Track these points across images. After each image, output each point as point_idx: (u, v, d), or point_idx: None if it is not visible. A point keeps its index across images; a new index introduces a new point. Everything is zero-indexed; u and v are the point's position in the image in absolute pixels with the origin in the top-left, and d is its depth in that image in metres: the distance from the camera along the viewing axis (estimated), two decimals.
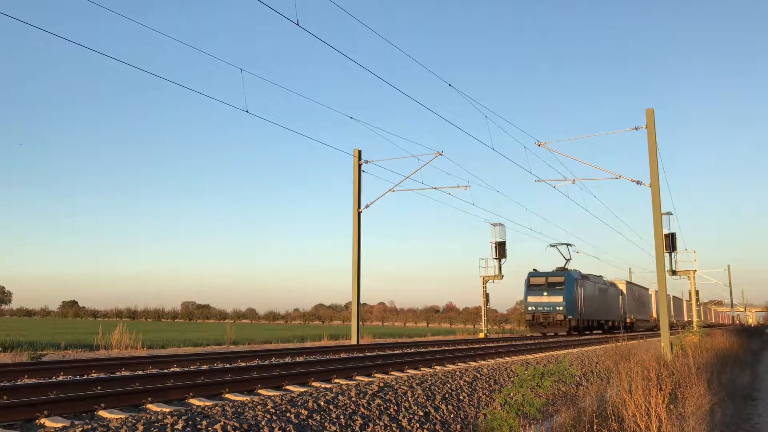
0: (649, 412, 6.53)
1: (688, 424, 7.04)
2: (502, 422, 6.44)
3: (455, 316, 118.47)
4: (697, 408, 8.07)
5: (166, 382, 8.45)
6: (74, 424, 5.50)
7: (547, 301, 35.07)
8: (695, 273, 41.71)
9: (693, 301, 45.57)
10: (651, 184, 20.81)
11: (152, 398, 7.16)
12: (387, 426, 7.25)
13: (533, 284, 36.25)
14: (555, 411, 8.03)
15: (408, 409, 8.03)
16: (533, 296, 35.78)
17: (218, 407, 6.59)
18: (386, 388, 8.70)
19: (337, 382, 9.70)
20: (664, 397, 6.73)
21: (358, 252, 23.96)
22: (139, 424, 5.51)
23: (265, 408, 6.75)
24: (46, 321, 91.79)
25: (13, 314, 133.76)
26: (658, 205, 20.74)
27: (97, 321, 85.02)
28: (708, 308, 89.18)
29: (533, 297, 35.75)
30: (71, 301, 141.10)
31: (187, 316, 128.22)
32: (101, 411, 6.57)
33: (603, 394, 9.42)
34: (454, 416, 8.45)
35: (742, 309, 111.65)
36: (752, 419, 10.49)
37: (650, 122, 21.08)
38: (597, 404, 8.06)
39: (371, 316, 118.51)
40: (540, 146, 22.34)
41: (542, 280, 36.07)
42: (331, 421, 6.83)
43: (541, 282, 36.03)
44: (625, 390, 7.28)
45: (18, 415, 5.97)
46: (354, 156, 24.76)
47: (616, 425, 6.73)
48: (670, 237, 34.20)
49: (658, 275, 21.40)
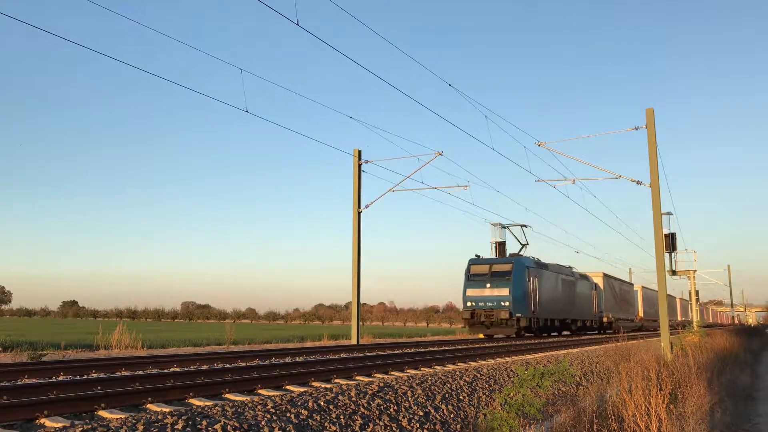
0: (649, 412, 6.53)
1: (688, 424, 7.05)
2: (502, 422, 6.44)
3: (455, 316, 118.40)
4: (697, 408, 8.07)
5: (166, 382, 8.45)
6: (74, 424, 5.50)
7: (489, 295, 28.13)
8: (695, 273, 41.76)
9: (693, 300, 45.59)
10: (651, 184, 20.81)
11: (152, 398, 7.16)
12: (387, 426, 7.25)
13: (474, 274, 29.34)
14: (555, 411, 8.04)
15: (408, 409, 8.03)
16: (473, 289, 28.84)
17: (218, 407, 6.59)
18: (386, 388, 8.70)
19: (337, 382, 9.71)
20: (664, 397, 6.73)
21: (358, 252, 23.96)
22: (139, 424, 5.51)
23: (265, 408, 6.75)
24: (46, 321, 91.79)
25: (13, 314, 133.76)
26: (658, 205, 20.74)
27: (97, 321, 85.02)
28: (705, 308, 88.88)
29: (473, 290, 28.83)
30: (71, 301, 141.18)
31: (187, 316, 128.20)
32: (101, 411, 6.57)
33: (603, 394, 9.43)
34: (454, 416, 8.45)
35: (742, 309, 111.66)
36: (752, 419, 10.49)
37: (650, 122, 21.08)
38: (597, 404, 8.07)
39: (371, 316, 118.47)
40: (540, 146, 22.35)
41: (485, 268, 29.11)
42: (331, 421, 6.83)
43: (484, 271, 29.07)
44: (625, 390, 7.28)
45: (18, 415, 5.97)
46: (354, 156, 24.77)
47: (616, 425, 6.73)
48: (670, 237, 34.16)
49: (658, 275, 21.41)
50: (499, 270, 28.71)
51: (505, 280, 28.21)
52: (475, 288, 28.70)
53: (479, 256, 30.12)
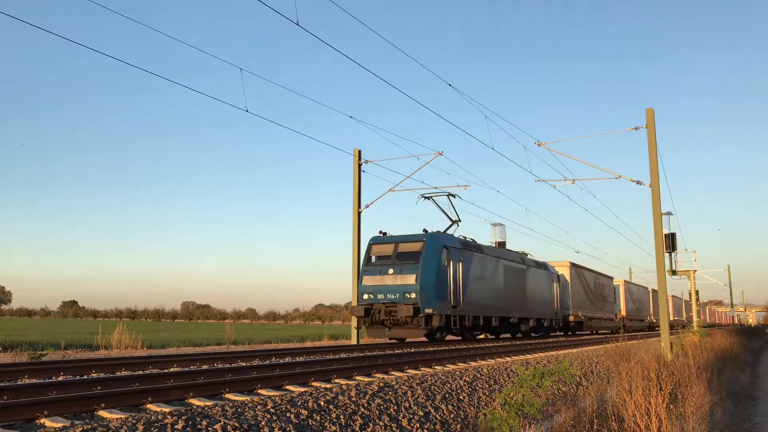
0: (649, 412, 6.54)
1: (688, 424, 7.05)
2: (502, 422, 6.44)
3: None
4: (697, 408, 8.07)
5: (166, 382, 8.44)
6: (74, 424, 5.50)
7: (392, 285, 20.32)
8: (695, 273, 41.76)
9: (693, 300, 45.60)
10: (651, 184, 20.82)
11: (152, 398, 7.16)
12: (387, 426, 7.25)
13: (375, 256, 21.45)
14: (555, 411, 8.04)
15: (408, 409, 8.03)
16: (372, 276, 20.90)
17: (218, 407, 6.59)
18: (386, 388, 8.70)
19: (337, 382, 9.70)
20: (664, 397, 6.74)
21: (358, 252, 23.95)
22: (139, 424, 5.51)
23: (265, 408, 6.75)
24: (46, 321, 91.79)
25: (13, 314, 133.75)
26: (658, 205, 20.75)
27: (97, 321, 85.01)
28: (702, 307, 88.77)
29: (372, 278, 20.88)
30: (71, 301, 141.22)
31: (187, 316, 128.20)
32: (101, 411, 6.57)
33: (603, 394, 9.43)
34: (454, 416, 8.45)
35: (742, 309, 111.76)
36: (752, 419, 10.50)
37: (650, 122, 21.09)
38: (597, 404, 8.07)
39: None
40: (540, 146, 22.36)
41: (389, 248, 21.23)
42: (331, 421, 6.83)
43: (387, 252, 21.17)
44: (625, 390, 7.29)
45: (18, 415, 5.97)
46: (354, 156, 24.78)
47: (616, 425, 6.73)
48: (670, 237, 34.15)
49: (658, 275, 21.43)
50: (407, 251, 20.81)
51: (412, 264, 20.25)
52: (375, 275, 20.83)
53: (385, 233, 22.04)
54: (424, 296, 19.88)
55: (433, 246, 20.91)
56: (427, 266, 20.39)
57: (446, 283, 21.13)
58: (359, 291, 21.16)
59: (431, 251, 20.73)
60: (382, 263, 21.05)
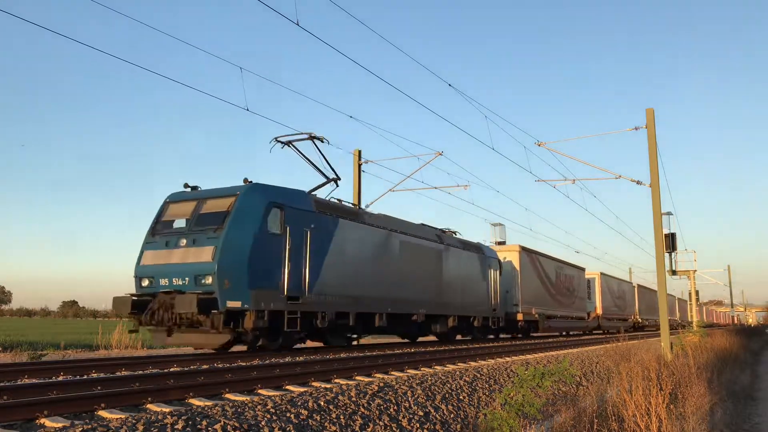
0: (649, 411, 6.54)
1: (688, 423, 7.05)
2: (502, 422, 6.44)
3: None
4: (697, 408, 8.07)
5: (166, 382, 8.44)
6: (74, 424, 5.50)
7: (179, 263, 13.13)
8: (695, 273, 41.74)
9: (693, 300, 45.58)
10: (651, 184, 20.81)
11: (152, 398, 7.16)
12: (387, 426, 7.25)
13: (167, 220, 14.34)
14: (555, 411, 8.04)
15: (408, 409, 8.03)
16: (155, 251, 13.62)
17: (218, 407, 6.59)
18: (386, 388, 8.70)
19: (337, 382, 9.71)
20: (664, 397, 6.74)
21: None
22: (139, 424, 5.51)
23: (265, 408, 6.75)
24: (46, 321, 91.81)
25: (13, 314, 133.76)
26: (658, 205, 20.74)
27: (97, 321, 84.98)
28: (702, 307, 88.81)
29: (154, 252, 13.63)
30: (71, 301, 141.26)
31: None
32: (101, 411, 6.56)
33: (603, 394, 9.43)
34: (454, 416, 8.45)
35: (742, 309, 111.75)
36: (752, 419, 10.51)
37: (650, 122, 21.08)
38: (597, 404, 8.06)
39: None
40: (540, 146, 22.32)
41: (188, 207, 14.12)
42: (331, 421, 6.83)
43: (186, 213, 14.06)
44: (625, 390, 7.29)
45: (18, 415, 5.97)
46: (354, 156, 24.77)
47: (616, 425, 6.73)
48: (670, 237, 34.14)
49: (658, 275, 21.42)
50: (211, 211, 13.68)
51: (212, 231, 13.16)
52: (160, 249, 13.60)
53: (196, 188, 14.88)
54: (226, 281, 12.69)
55: (252, 203, 13.72)
56: (238, 234, 13.21)
57: (277, 261, 13.88)
58: (135, 273, 13.71)
59: (247, 211, 13.56)
60: (174, 231, 13.82)
